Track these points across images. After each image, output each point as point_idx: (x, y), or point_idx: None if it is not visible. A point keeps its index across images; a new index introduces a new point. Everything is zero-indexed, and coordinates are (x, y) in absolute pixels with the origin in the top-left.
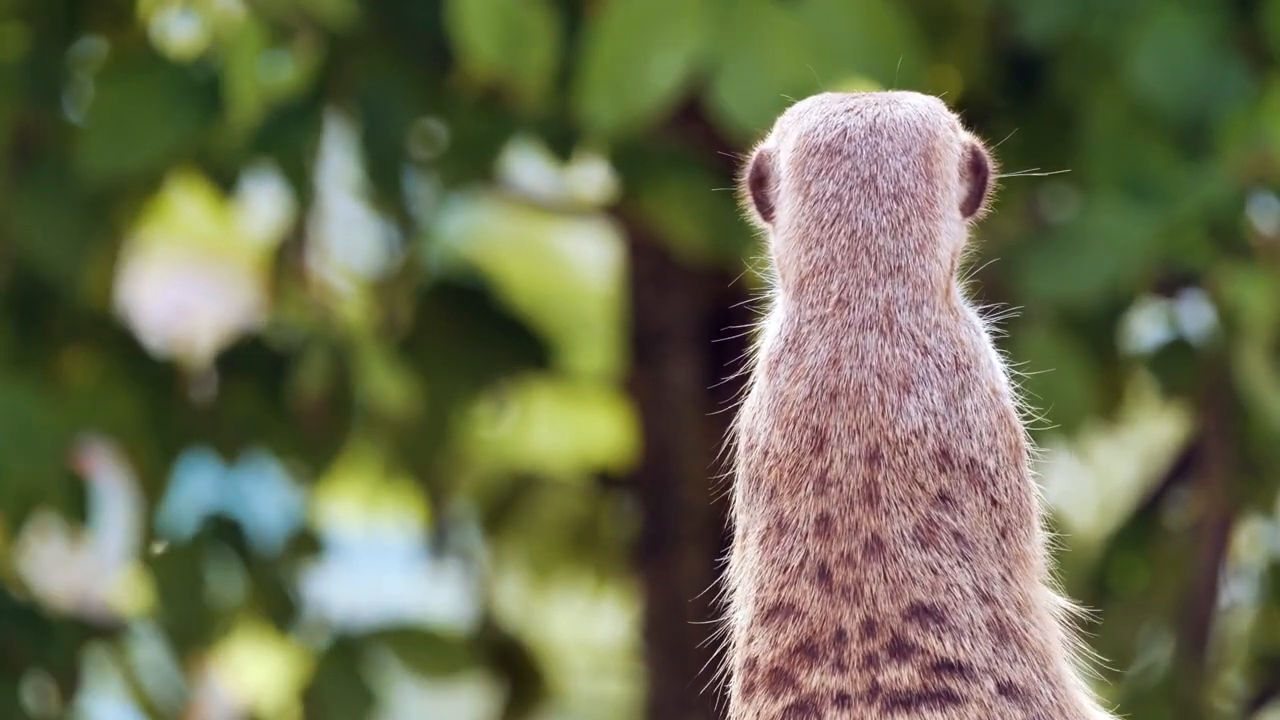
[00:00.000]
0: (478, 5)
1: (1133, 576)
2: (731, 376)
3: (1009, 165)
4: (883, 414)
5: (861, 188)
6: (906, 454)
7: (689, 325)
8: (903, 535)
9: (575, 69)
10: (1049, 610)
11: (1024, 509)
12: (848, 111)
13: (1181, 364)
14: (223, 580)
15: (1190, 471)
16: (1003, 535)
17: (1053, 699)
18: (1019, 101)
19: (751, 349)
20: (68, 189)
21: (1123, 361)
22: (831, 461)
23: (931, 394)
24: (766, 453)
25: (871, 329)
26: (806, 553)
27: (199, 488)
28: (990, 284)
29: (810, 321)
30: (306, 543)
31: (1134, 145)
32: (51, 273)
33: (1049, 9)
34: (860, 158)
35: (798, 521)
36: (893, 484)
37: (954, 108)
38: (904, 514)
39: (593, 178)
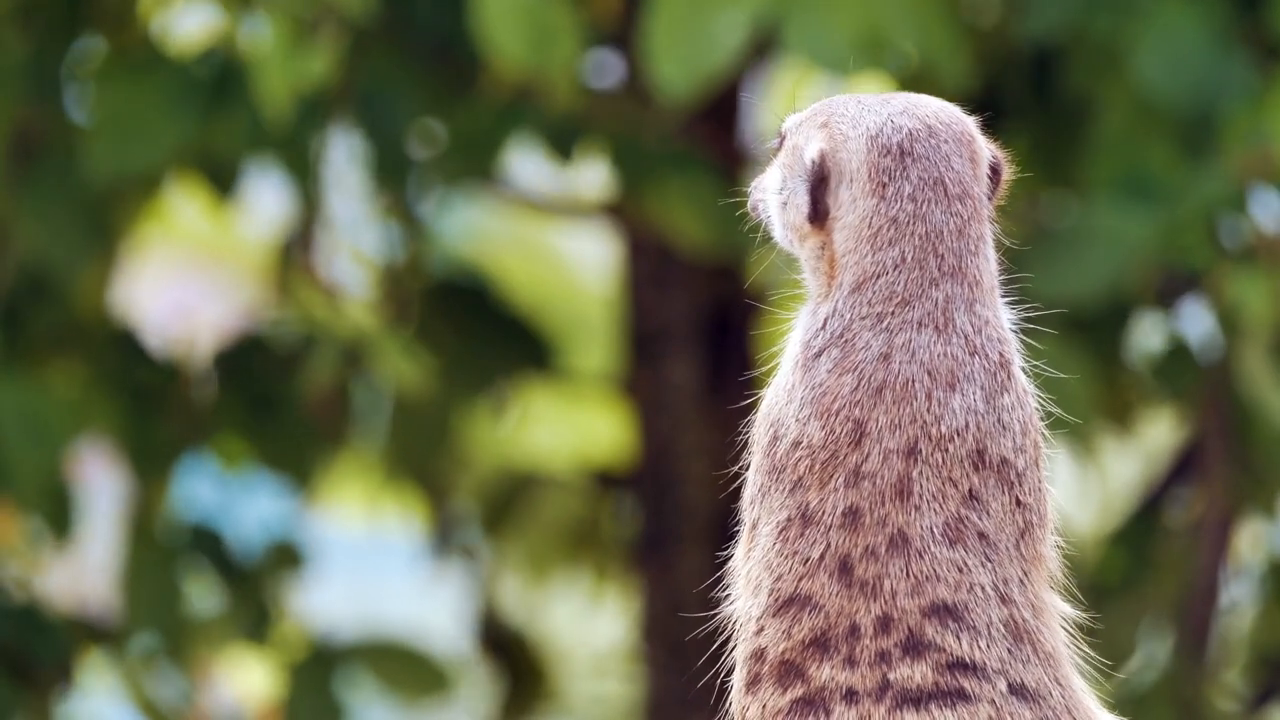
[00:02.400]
0: (502, 5)
1: (1133, 576)
2: (733, 375)
3: (1016, 168)
4: (928, 410)
5: (933, 189)
6: (946, 450)
7: (689, 325)
8: (931, 532)
9: (638, 41)
10: (1056, 613)
11: (1043, 510)
12: (902, 113)
13: (1183, 367)
14: (201, 592)
15: (1190, 471)
16: (1022, 536)
17: (1062, 701)
18: (1024, 102)
19: (768, 345)
20: (69, 189)
21: (1125, 364)
22: (868, 455)
23: (975, 392)
24: (798, 444)
25: (927, 326)
26: (829, 545)
27: (196, 492)
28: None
29: (865, 318)
30: (287, 555)
31: (1139, 144)
32: (53, 273)
33: (1052, 6)
34: (930, 160)
35: (823, 514)
36: (927, 480)
37: (965, 104)
38: (934, 510)
39: (593, 177)
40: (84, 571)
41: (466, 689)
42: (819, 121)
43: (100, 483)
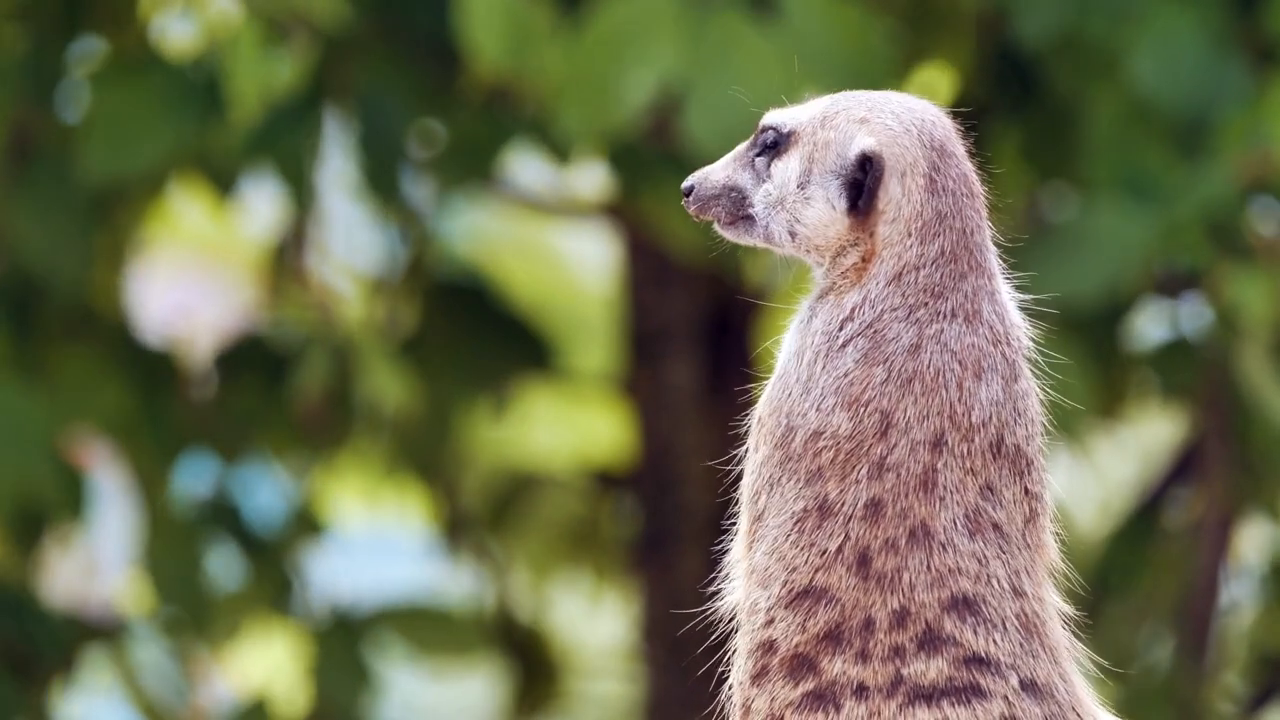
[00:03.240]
0: (483, 7)
1: (1133, 576)
2: (733, 375)
3: (1009, 166)
4: (959, 400)
5: (965, 184)
6: (972, 441)
7: (689, 325)
8: (954, 523)
9: (552, 83)
10: (1054, 606)
11: (1046, 498)
12: (927, 110)
13: (1182, 364)
14: (222, 566)
15: (1190, 471)
16: (1027, 524)
17: (1067, 695)
18: (1018, 102)
19: (769, 339)
20: (65, 190)
21: (1124, 361)
22: (894, 446)
23: (997, 381)
24: (820, 434)
25: (958, 317)
26: (847, 537)
27: (198, 486)
28: None
29: (897, 309)
30: (306, 523)
31: (1133, 145)
32: (47, 272)
33: (1045, 10)
34: (957, 157)
35: (843, 505)
36: (951, 471)
37: (949, 107)
38: (956, 502)
39: (592, 178)
40: (82, 570)
41: (475, 688)
42: (856, 117)
43: (102, 481)
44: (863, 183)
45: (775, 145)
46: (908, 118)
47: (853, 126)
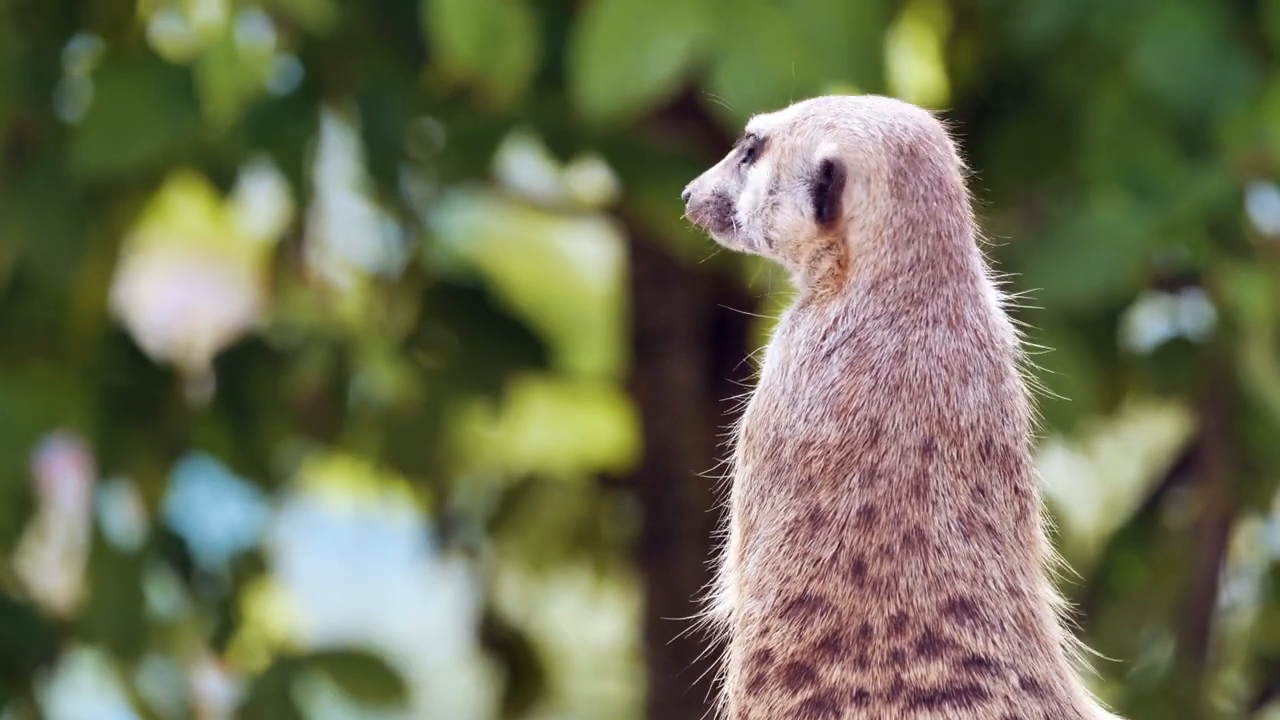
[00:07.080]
0: (454, 3)
1: (1133, 576)
2: (733, 375)
3: (1008, 164)
4: (946, 405)
5: (939, 189)
6: (961, 445)
7: (689, 325)
8: (948, 527)
9: (571, 54)
10: (1048, 602)
11: (1035, 496)
12: (899, 115)
13: (1182, 362)
14: (163, 595)
15: (1190, 471)
16: (1019, 523)
17: (1065, 692)
18: (1019, 100)
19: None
20: (63, 189)
21: (1123, 359)
22: (885, 453)
23: (983, 384)
24: (809, 444)
25: (941, 322)
26: (841, 545)
27: (184, 493)
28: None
29: (879, 317)
30: (253, 562)
31: (1135, 142)
32: (42, 272)
33: (1050, 7)
34: (931, 161)
35: (836, 514)
36: (942, 475)
37: (944, 106)
38: (949, 506)
39: (592, 178)
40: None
41: (459, 690)
42: (823, 123)
43: (81, 483)
44: (827, 189)
45: (753, 151)
46: (875, 122)
47: (818, 132)
